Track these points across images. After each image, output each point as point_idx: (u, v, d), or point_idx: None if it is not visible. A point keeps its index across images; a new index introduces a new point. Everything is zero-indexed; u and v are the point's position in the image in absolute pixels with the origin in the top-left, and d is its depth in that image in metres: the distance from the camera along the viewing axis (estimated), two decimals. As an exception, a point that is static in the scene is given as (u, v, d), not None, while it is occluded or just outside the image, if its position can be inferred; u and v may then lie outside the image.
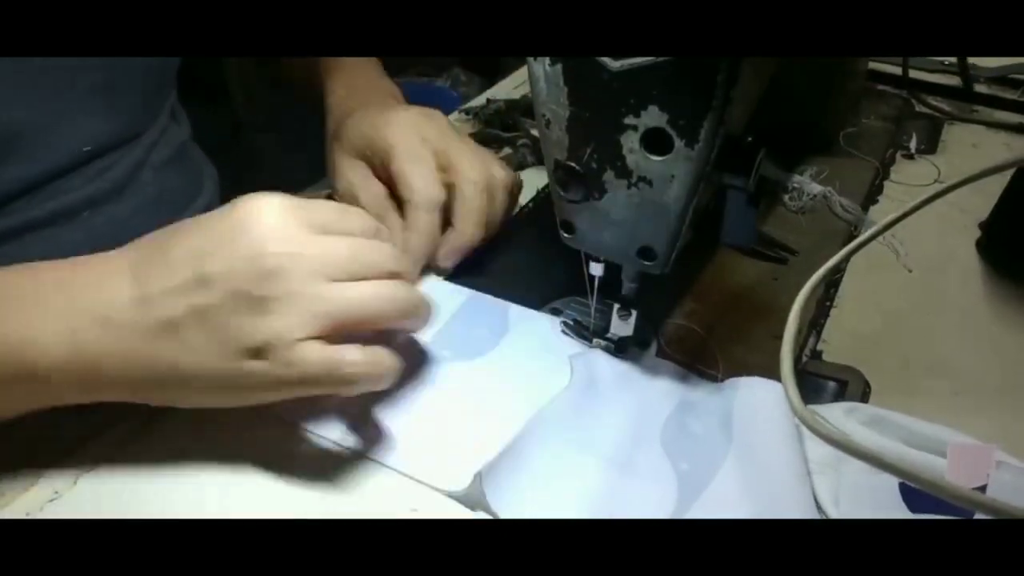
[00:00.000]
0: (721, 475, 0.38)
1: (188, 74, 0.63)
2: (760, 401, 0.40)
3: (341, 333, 0.36)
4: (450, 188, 0.50)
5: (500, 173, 0.52)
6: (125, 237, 0.37)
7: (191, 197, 0.64)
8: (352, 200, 0.53)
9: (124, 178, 0.56)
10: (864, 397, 0.42)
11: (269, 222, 0.36)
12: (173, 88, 0.64)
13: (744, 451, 0.38)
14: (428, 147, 0.50)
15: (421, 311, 0.39)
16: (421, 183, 0.49)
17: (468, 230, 0.50)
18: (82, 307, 0.36)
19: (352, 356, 0.35)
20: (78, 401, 0.37)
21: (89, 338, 0.35)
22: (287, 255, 0.35)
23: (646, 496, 0.37)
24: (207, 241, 0.36)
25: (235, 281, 0.34)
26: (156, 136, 0.60)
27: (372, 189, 0.52)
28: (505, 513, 0.35)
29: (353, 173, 0.53)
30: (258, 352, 0.34)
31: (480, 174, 0.50)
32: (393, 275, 0.38)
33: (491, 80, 0.84)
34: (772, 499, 0.36)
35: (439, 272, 0.51)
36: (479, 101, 0.72)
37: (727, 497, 0.37)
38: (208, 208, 0.65)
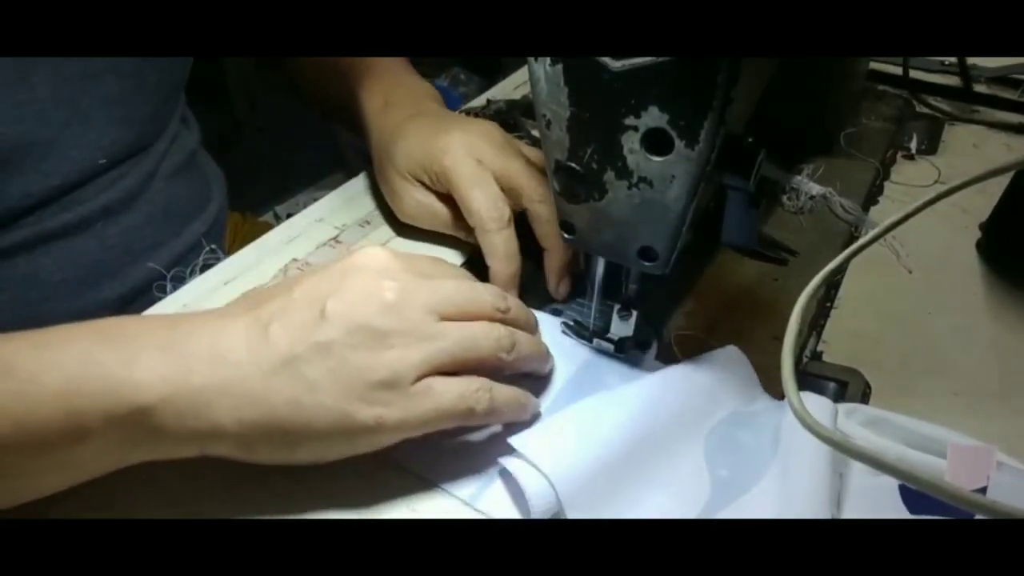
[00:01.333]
0: (760, 487, 0.37)
1: (188, 75, 0.63)
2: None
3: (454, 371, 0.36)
4: (517, 207, 0.48)
5: None
6: (138, 246, 0.37)
7: (201, 204, 0.64)
8: (420, 223, 0.52)
9: (136, 188, 0.56)
10: (864, 398, 0.42)
11: (383, 265, 0.37)
12: (182, 94, 0.64)
13: (783, 467, 0.38)
14: (486, 169, 0.48)
15: (533, 350, 0.39)
16: (483, 206, 0.47)
17: (558, 247, 0.48)
18: (192, 344, 0.33)
19: (486, 385, 0.36)
20: (179, 453, 0.34)
21: (198, 374, 0.32)
22: (403, 290, 0.35)
23: (675, 493, 0.37)
24: (325, 283, 0.36)
25: (356, 316, 0.34)
26: (167, 144, 0.60)
27: (440, 214, 0.50)
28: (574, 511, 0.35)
29: (418, 196, 0.51)
30: (384, 386, 0.34)
31: (546, 188, 0.48)
32: (500, 313, 0.38)
33: (491, 80, 0.84)
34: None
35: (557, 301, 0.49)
36: (479, 101, 0.72)
37: (758, 510, 0.36)
38: (218, 216, 0.66)
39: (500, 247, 0.46)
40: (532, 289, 0.49)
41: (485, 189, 0.47)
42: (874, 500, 0.36)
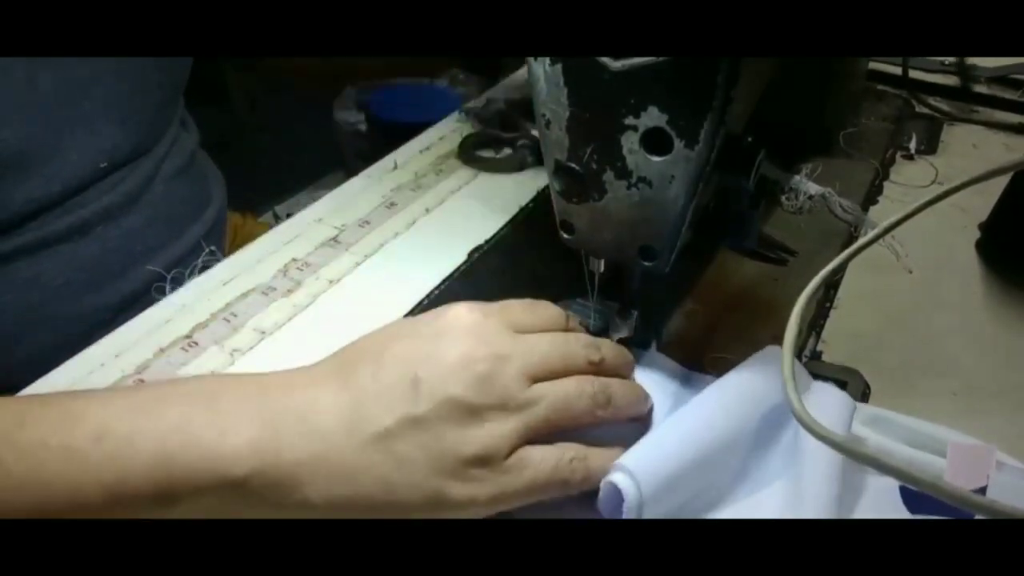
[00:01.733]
0: (775, 486, 0.37)
1: (188, 78, 0.63)
2: (822, 405, 0.38)
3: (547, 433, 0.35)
4: None
5: None
6: (138, 248, 0.36)
7: (201, 206, 0.64)
8: None
9: (136, 191, 0.56)
10: (864, 397, 0.42)
11: (475, 328, 0.35)
12: (182, 97, 0.64)
13: (795, 465, 0.38)
14: None
15: (629, 400, 0.38)
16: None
17: None
18: (283, 414, 0.32)
19: (581, 453, 0.35)
20: (263, 517, 0.32)
21: (288, 448, 0.31)
22: (496, 358, 0.34)
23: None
24: (416, 347, 0.34)
25: (448, 389, 0.33)
26: (167, 147, 0.60)
27: None
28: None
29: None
30: (477, 463, 0.33)
31: None
32: (594, 366, 0.37)
33: (491, 80, 0.84)
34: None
35: None
36: (479, 101, 0.72)
37: (769, 506, 0.37)
38: (218, 218, 0.66)
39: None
40: (532, 287, 0.49)
41: None
42: (874, 500, 0.36)
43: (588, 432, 0.36)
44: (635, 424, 0.40)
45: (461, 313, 0.36)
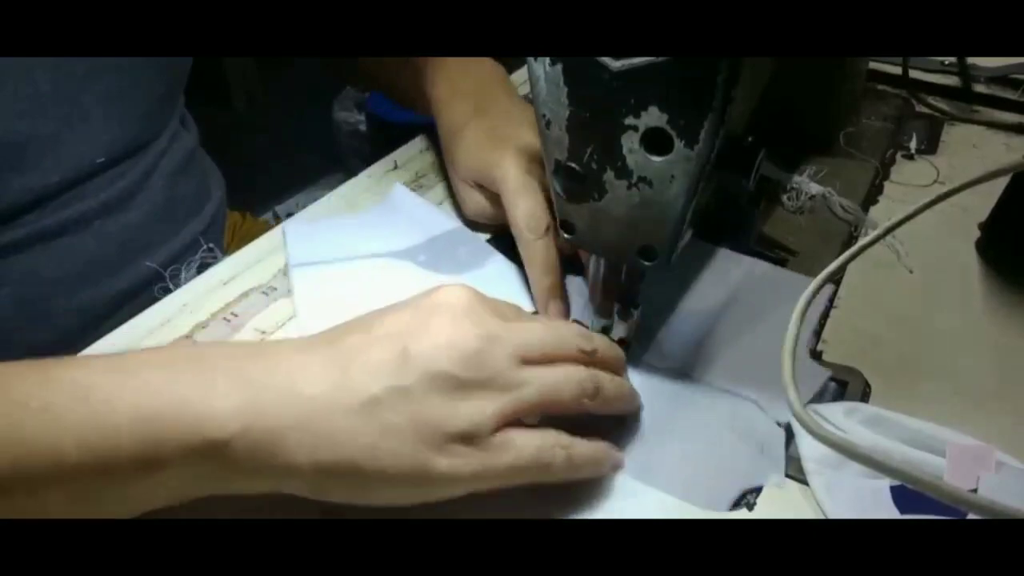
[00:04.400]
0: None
1: (189, 76, 0.63)
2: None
3: (533, 417, 0.35)
4: None
5: None
6: (136, 244, 0.36)
7: (200, 203, 0.64)
8: (482, 220, 0.53)
9: (135, 186, 0.56)
10: (864, 397, 0.42)
11: (467, 307, 0.35)
12: (181, 94, 0.64)
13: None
14: (535, 176, 0.48)
15: (618, 393, 0.38)
16: (522, 214, 0.46)
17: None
18: (270, 379, 0.33)
19: (565, 441, 0.35)
20: (252, 489, 0.33)
21: (275, 410, 0.32)
22: (487, 337, 0.34)
23: None
24: (407, 322, 0.35)
25: (438, 363, 0.33)
26: (166, 143, 0.60)
27: (499, 216, 0.50)
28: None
29: (478, 199, 0.52)
30: (461, 438, 0.33)
31: None
32: (585, 355, 0.37)
33: (491, 80, 0.83)
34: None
35: None
36: (479, 101, 0.72)
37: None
38: (216, 214, 0.66)
39: (537, 256, 0.46)
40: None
41: (528, 198, 0.47)
42: (863, 499, 0.36)
43: (575, 422, 0.37)
44: (622, 421, 0.40)
45: (455, 292, 0.36)
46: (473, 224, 0.54)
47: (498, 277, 0.50)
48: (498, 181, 0.48)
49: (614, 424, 0.40)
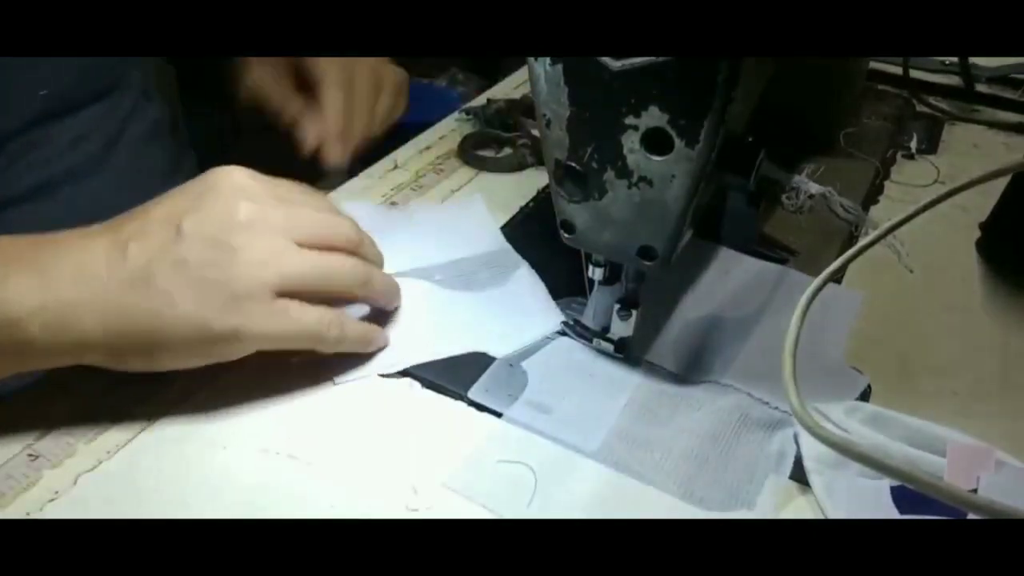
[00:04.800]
0: None
1: (189, 76, 0.63)
2: None
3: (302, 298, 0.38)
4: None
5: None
6: (104, 213, 0.38)
7: (169, 175, 0.64)
8: (260, 95, 0.58)
9: (100, 152, 0.57)
10: (864, 397, 0.42)
11: (241, 185, 0.38)
12: (147, 64, 0.64)
13: None
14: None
15: (386, 286, 0.42)
16: (331, 66, 0.53)
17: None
18: (56, 262, 0.36)
19: (339, 320, 0.39)
20: (60, 362, 0.37)
21: (64, 288, 0.35)
22: (258, 210, 0.37)
23: None
24: (182, 202, 0.37)
25: (209, 231, 0.36)
26: (128, 110, 0.60)
27: (282, 85, 0.57)
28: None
29: (262, 71, 0.57)
30: (241, 298, 0.36)
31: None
32: (353, 245, 0.40)
33: (491, 80, 0.84)
34: None
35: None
36: (479, 101, 0.72)
37: None
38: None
39: (335, 101, 0.55)
40: (547, 283, 0.49)
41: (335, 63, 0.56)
42: (863, 499, 0.36)
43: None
44: (386, 316, 0.44)
45: (228, 171, 0.39)
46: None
47: (517, 299, 0.49)
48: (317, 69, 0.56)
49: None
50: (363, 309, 0.44)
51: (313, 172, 0.61)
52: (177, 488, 0.37)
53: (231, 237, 0.36)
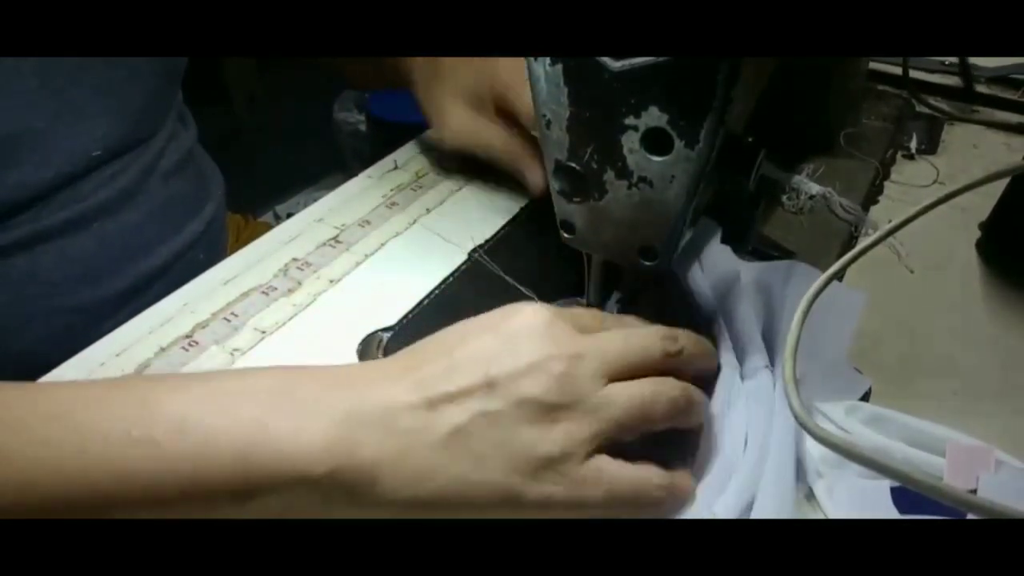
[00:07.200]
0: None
1: (188, 76, 0.63)
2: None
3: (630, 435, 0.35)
4: None
5: None
6: (136, 244, 0.36)
7: (200, 203, 0.64)
8: (466, 143, 0.54)
9: (133, 185, 0.56)
10: (864, 397, 0.42)
11: (547, 328, 0.35)
12: (179, 90, 0.64)
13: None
14: None
15: (696, 408, 0.37)
16: (522, 95, 0.47)
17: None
18: (359, 407, 0.32)
19: (665, 480, 0.35)
20: (340, 515, 0.32)
21: (365, 447, 0.31)
22: (570, 358, 0.34)
23: None
24: (488, 346, 0.34)
25: (524, 388, 0.33)
26: (164, 141, 0.60)
27: (483, 133, 0.51)
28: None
29: (460, 117, 0.53)
30: (552, 463, 0.32)
31: None
32: (672, 357, 0.36)
33: (491, 80, 0.84)
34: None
35: None
36: (479, 101, 0.72)
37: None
38: (216, 214, 0.66)
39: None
40: (532, 287, 0.49)
41: None
42: (863, 499, 0.36)
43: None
44: (694, 435, 0.39)
45: (530, 313, 0.35)
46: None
47: None
48: (506, 85, 0.49)
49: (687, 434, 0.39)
50: None
51: (314, 172, 0.61)
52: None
53: (544, 394, 0.33)
